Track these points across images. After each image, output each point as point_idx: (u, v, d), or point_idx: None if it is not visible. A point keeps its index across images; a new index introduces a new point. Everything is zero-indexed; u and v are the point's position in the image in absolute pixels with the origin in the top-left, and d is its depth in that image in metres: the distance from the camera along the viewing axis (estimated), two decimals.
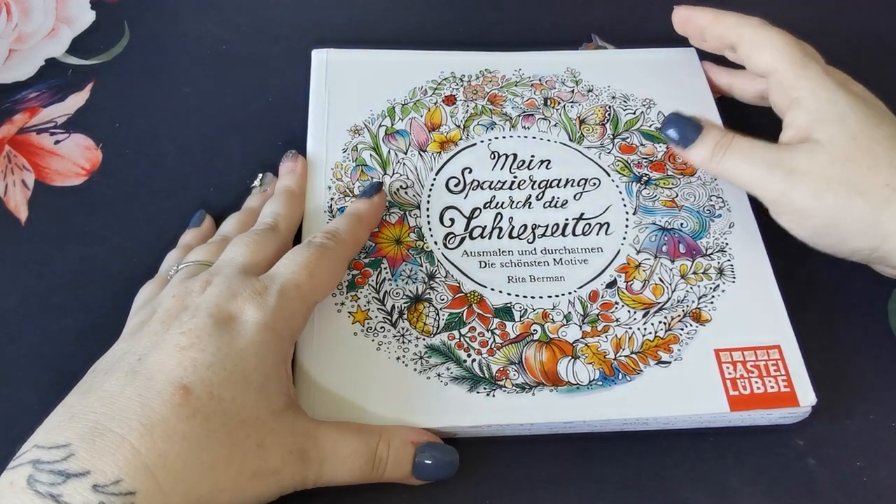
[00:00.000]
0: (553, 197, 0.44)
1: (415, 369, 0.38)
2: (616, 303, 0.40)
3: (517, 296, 0.40)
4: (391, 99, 0.47)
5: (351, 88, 0.48)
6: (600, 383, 0.38)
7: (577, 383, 0.38)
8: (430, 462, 0.35)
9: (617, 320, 0.40)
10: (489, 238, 0.42)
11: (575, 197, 0.44)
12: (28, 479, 0.27)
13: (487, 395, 0.37)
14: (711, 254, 0.42)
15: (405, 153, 0.45)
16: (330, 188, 0.43)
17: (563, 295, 0.40)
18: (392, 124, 0.46)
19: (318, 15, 0.55)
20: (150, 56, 0.52)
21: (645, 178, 0.45)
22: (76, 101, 0.49)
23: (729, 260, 0.42)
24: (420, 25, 0.55)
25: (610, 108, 0.48)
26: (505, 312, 0.40)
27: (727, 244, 0.42)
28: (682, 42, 0.50)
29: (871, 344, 0.42)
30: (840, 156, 0.37)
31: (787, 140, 0.40)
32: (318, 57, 0.49)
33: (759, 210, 0.43)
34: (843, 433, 0.39)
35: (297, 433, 0.33)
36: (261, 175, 0.46)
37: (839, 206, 0.37)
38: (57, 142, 0.47)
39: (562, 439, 0.38)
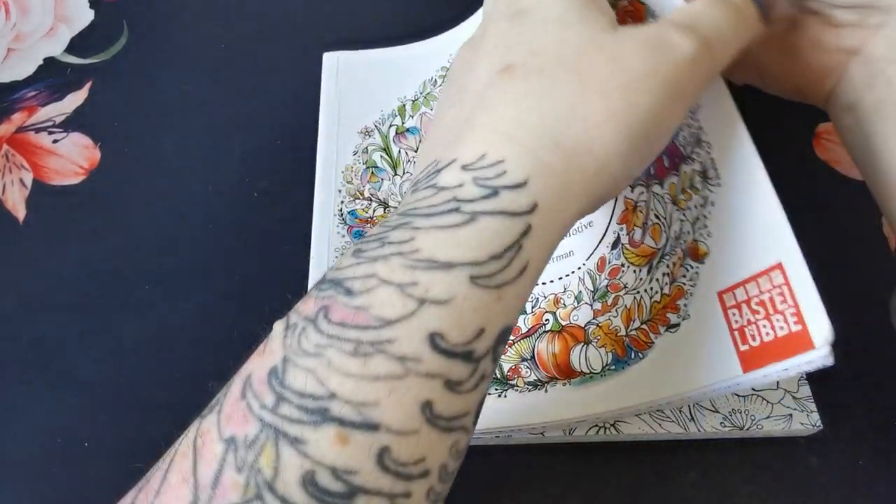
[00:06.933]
0: None
1: None
2: (622, 265, 0.40)
3: None
4: (402, 97, 0.49)
5: (362, 90, 0.49)
6: (613, 367, 0.37)
7: (591, 372, 0.38)
8: None
9: (625, 286, 0.39)
10: None
11: None
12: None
13: (499, 396, 0.38)
14: (691, 152, 0.37)
15: (415, 151, 0.46)
16: (340, 191, 0.45)
17: (573, 273, 0.41)
18: (403, 122, 0.48)
19: (318, 15, 0.57)
20: (149, 55, 0.54)
21: None
22: (75, 100, 0.51)
23: (709, 152, 0.36)
24: (421, 23, 0.56)
25: None
26: None
27: (701, 129, 0.37)
28: None
29: (872, 342, 0.43)
30: None
31: None
32: (329, 61, 0.50)
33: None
34: (844, 432, 0.40)
35: (647, 26, 0.29)
36: None
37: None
38: (55, 141, 0.49)
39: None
